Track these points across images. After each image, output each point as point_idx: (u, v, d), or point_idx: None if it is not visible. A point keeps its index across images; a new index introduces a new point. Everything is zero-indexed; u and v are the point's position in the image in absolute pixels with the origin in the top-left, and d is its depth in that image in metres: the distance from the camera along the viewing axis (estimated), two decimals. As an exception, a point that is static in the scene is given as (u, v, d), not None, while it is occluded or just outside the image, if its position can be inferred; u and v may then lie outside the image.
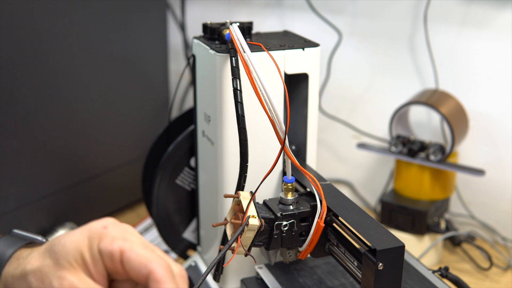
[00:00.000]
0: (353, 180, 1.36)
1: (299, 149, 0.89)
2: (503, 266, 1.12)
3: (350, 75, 1.30)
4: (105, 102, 1.19)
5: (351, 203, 0.74)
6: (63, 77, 1.10)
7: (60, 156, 1.12)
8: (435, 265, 1.11)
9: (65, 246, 0.54)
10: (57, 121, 1.10)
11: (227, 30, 0.77)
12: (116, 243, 0.53)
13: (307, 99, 0.85)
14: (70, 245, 0.54)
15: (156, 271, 0.53)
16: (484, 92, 1.17)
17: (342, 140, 1.34)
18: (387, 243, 0.64)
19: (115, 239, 0.54)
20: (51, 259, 0.55)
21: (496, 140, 1.17)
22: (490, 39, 1.14)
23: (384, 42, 1.25)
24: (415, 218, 1.10)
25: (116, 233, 0.55)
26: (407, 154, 1.12)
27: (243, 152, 0.74)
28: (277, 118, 0.69)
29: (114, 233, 0.54)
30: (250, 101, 0.74)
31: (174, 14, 1.46)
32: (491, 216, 1.21)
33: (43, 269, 0.55)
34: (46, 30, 1.05)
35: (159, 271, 0.53)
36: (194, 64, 0.88)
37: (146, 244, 0.55)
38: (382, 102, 1.27)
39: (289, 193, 0.74)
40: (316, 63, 0.84)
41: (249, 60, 0.71)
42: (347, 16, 1.27)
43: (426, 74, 1.21)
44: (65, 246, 0.55)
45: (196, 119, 0.91)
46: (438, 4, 1.16)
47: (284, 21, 1.35)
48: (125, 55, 1.22)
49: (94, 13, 1.13)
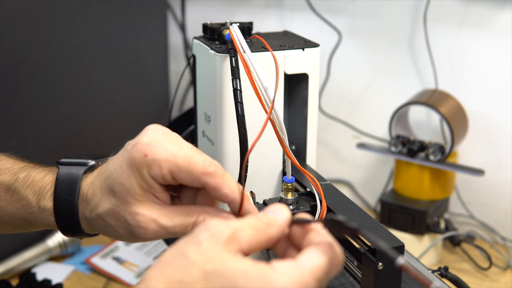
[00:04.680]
0: (353, 180, 1.36)
1: (299, 149, 0.89)
2: (502, 266, 1.12)
3: (350, 75, 1.30)
4: (105, 102, 1.19)
5: (351, 203, 0.75)
6: (63, 77, 1.10)
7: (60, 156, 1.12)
8: (434, 265, 1.12)
9: (123, 186, 0.59)
10: (57, 121, 1.10)
11: (227, 30, 0.77)
12: (164, 168, 0.58)
13: (307, 99, 0.85)
14: (126, 183, 0.59)
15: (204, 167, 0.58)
16: (483, 92, 1.17)
17: (342, 140, 1.34)
18: (387, 243, 0.64)
19: (161, 163, 0.58)
20: (117, 198, 0.60)
21: (495, 140, 1.17)
22: (489, 39, 1.14)
23: (384, 42, 1.25)
24: (415, 218, 1.10)
25: (159, 155, 0.58)
26: (407, 154, 1.12)
27: (244, 152, 0.74)
28: (277, 118, 0.69)
29: (157, 156, 0.58)
30: (250, 101, 0.74)
31: (174, 14, 1.46)
32: (491, 216, 1.21)
33: (114, 209, 0.60)
34: (47, 30, 1.05)
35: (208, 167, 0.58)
36: (194, 64, 0.88)
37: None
38: (382, 102, 1.27)
39: (289, 193, 0.75)
40: (316, 63, 0.84)
41: (249, 60, 0.71)
42: (347, 16, 1.27)
43: (426, 74, 1.21)
44: (123, 186, 0.59)
45: (196, 119, 0.91)
46: (438, 4, 1.16)
47: (284, 21, 1.35)
48: (126, 55, 1.22)
49: (94, 13, 1.13)
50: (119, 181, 0.59)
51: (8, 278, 1.04)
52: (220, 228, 0.48)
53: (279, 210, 0.52)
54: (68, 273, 1.08)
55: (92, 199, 0.62)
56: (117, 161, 0.61)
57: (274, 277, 0.46)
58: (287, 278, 0.46)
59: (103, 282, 1.06)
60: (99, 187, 0.61)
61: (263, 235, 0.50)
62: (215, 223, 0.49)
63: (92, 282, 1.06)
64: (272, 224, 0.50)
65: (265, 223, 0.50)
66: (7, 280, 1.00)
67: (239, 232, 0.48)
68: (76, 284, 1.06)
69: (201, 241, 0.47)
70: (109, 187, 0.60)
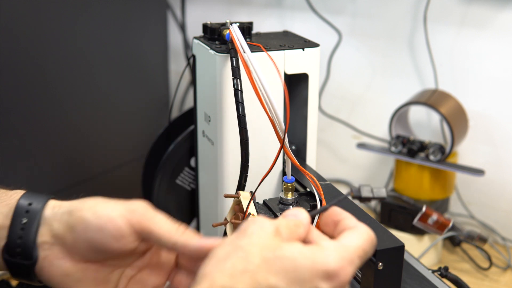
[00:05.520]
0: (353, 180, 1.36)
1: (299, 149, 0.89)
2: (502, 266, 1.12)
3: (350, 75, 1.30)
4: (105, 102, 1.19)
5: (351, 203, 0.75)
6: (63, 77, 1.10)
7: (60, 156, 1.12)
8: (434, 265, 1.12)
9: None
10: (57, 121, 1.10)
11: (227, 30, 0.77)
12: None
13: (307, 99, 0.85)
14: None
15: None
16: (483, 92, 1.17)
17: (342, 140, 1.34)
18: (387, 243, 0.64)
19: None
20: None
21: (495, 140, 1.17)
22: (489, 39, 1.14)
23: (384, 42, 1.25)
24: (415, 218, 1.10)
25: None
26: (407, 154, 1.12)
27: (245, 152, 0.74)
28: (277, 118, 0.69)
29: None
30: (250, 101, 0.74)
31: (174, 14, 1.46)
32: (491, 216, 1.21)
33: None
34: (47, 30, 1.05)
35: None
36: (194, 64, 0.88)
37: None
38: (382, 102, 1.27)
39: (289, 193, 0.75)
40: (316, 63, 0.84)
41: (249, 60, 0.71)
42: (347, 16, 1.27)
43: (426, 74, 1.21)
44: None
45: (196, 119, 0.91)
46: (438, 4, 1.16)
47: (284, 21, 1.35)
48: (126, 55, 1.22)
49: (94, 13, 1.13)
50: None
51: (8, 278, 1.04)
52: (267, 222, 0.52)
53: (299, 213, 0.56)
54: (68, 273, 1.08)
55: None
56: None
57: (326, 254, 0.50)
58: (337, 254, 0.51)
59: (103, 282, 1.06)
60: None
61: (295, 234, 0.53)
62: (261, 218, 0.53)
63: (92, 282, 1.06)
64: (299, 225, 0.54)
65: (294, 224, 0.54)
66: (7, 280, 1.00)
67: (280, 228, 0.52)
68: (76, 284, 1.06)
69: (252, 233, 0.51)
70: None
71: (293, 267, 0.48)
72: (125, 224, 0.58)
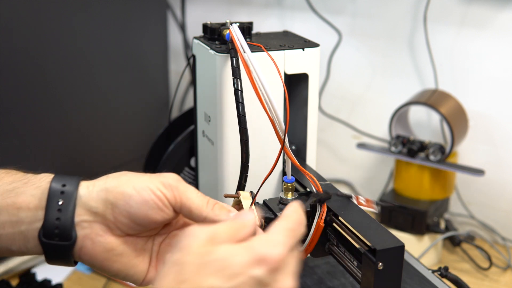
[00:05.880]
0: (353, 180, 1.36)
1: (299, 149, 0.89)
2: (502, 266, 1.12)
3: (350, 75, 1.30)
4: (105, 102, 1.19)
5: (351, 203, 0.75)
6: (64, 77, 1.10)
7: (60, 156, 1.12)
8: (434, 265, 1.12)
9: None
10: (57, 121, 1.10)
11: (227, 30, 0.77)
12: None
13: (307, 99, 0.85)
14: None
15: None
16: (483, 92, 1.17)
17: (342, 140, 1.34)
18: (387, 243, 0.64)
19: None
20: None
21: (495, 140, 1.18)
22: (489, 39, 1.14)
23: (384, 42, 1.25)
24: (415, 218, 1.10)
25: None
26: (407, 154, 1.12)
27: (245, 152, 0.74)
28: (277, 118, 0.69)
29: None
30: (250, 101, 0.74)
31: (174, 14, 1.46)
32: (491, 216, 1.21)
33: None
34: (47, 30, 1.05)
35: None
36: (194, 64, 0.88)
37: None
38: (382, 102, 1.27)
39: (289, 193, 0.74)
40: (316, 63, 0.84)
41: (249, 60, 0.71)
42: (347, 16, 1.27)
43: (426, 74, 1.22)
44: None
45: (196, 119, 0.91)
46: (438, 4, 1.16)
47: (284, 21, 1.35)
48: (126, 55, 1.22)
49: (94, 13, 1.13)
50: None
51: (8, 278, 1.04)
52: (200, 231, 0.54)
53: (245, 215, 0.58)
54: (68, 273, 1.08)
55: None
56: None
57: (251, 244, 0.53)
58: (259, 242, 0.53)
59: (103, 282, 1.06)
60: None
61: (237, 236, 0.55)
62: (194, 228, 0.54)
63: (92, 282, 1.06)
64: (244, 227, 0.56)
65: (235, 227, 0.56)
66: (7, 280, 1.00)
67: (217, 233, 0.54)
68: (76, 284, 1.06)
69: (184, 246, 0.52)
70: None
71: (226, 265, 0.51)
72: (165, 196, 0.61)
